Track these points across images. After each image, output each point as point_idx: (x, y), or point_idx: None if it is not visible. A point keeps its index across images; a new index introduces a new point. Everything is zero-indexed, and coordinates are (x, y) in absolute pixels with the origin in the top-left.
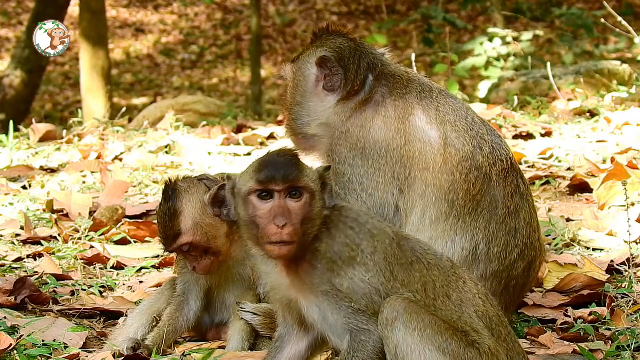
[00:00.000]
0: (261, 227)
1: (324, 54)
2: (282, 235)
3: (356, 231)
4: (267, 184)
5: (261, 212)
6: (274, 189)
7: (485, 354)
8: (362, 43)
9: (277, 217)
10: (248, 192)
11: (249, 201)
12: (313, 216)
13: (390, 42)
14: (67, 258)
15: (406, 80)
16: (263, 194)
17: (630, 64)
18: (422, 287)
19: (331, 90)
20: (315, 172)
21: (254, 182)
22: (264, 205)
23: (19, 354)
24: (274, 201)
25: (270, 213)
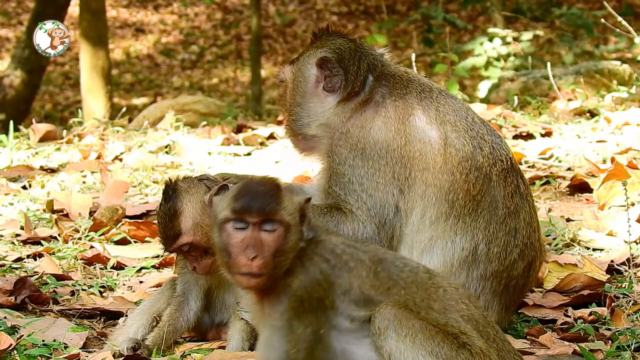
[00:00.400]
0: (232, 256)
1: (324, 54)
2: (251, 267)
3: (332, 264)
4: (242, 214)
5: (234, 241)
6: (248, 220)
7: (477, 355)
8: (362, 44)
9: (248, 249)
10: (223, 219)
11: (224, 228)
12: (286, 249)
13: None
14: (67, 258)
15: (406, 80)
16: (237, 224)
17: (630, 64)
18: (403, 305)
19: (331, 91)
20: (295, 204)
21: (229, 211)
22: (237, 234)
23: (19, 354)
24: (247, 232)
25: (242, 243)
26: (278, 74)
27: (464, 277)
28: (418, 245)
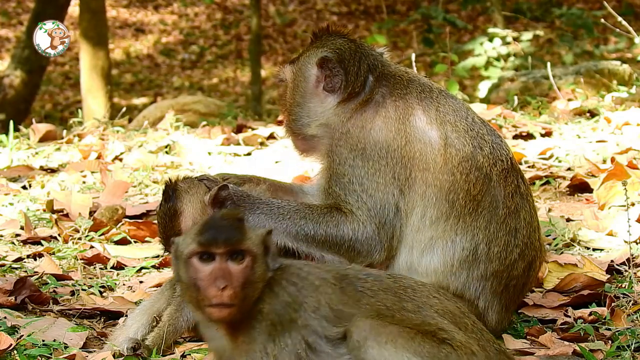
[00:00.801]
0: (202, 290)
1: (325, 54)
2: (222, 298)
3: (299, 287)
4: (209, 246)
5: (202, 274)
6: (215, 252)
7: (459, 348)
8: (362, 44)
9: (218, 279)
10: (189, 254)
11: (190, 263)
12: (255, 279)
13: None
14: (67, 258)
15: (406, 80)
16: (204, 256)
17: (630, 64)
18: (376, 313)
19: (331, 91)
20: (258, 236)
21: (195, 244)
22: (205, 267)
23: (19, 354)
24: (215, 263)
25: (211, 275)
26: (278, 74)
27: (464, 277)
28: (418, 245)
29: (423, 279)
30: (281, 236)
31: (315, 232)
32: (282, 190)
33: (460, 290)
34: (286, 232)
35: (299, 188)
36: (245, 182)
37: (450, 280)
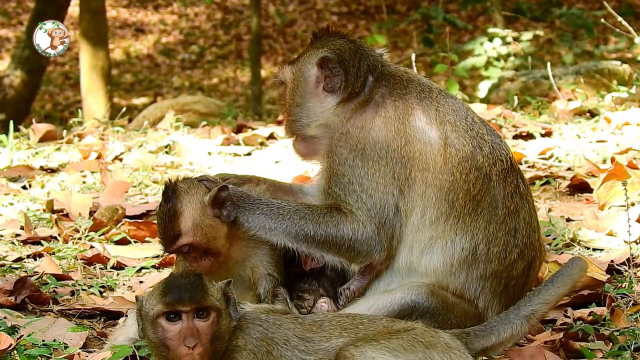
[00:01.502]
0: (172, 349)
1: (325, 54)
2: (193, 356)
3: (265, 326)
4: (175, 306)
5: (170, 333)
6: (182, 310)
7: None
8: (362, 44)
9: (186, 339)
10: (156, 315)
11: (158, 324)
12: (221, 333)
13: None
14: (67, 258)
15: (406, 80)
16: (171, 316)
17: (630, 64)
18: (339, 332)
19: (331, 91)
20: (219, 290)
21: (161, 305)
22: (172, 327)
23: (19, 354)
24: (182, 322)
25: (179, 335)
26: (277, 75)
27: (463, 277)
28: (418, 245)
29: (423, 279)
30: (281, 236)
31: (315, 233)
32: (281, 191)
33: (459, 290)
34: (286, 232)
35: (298, 188)
36: (245, 183)
37: (450, 280)
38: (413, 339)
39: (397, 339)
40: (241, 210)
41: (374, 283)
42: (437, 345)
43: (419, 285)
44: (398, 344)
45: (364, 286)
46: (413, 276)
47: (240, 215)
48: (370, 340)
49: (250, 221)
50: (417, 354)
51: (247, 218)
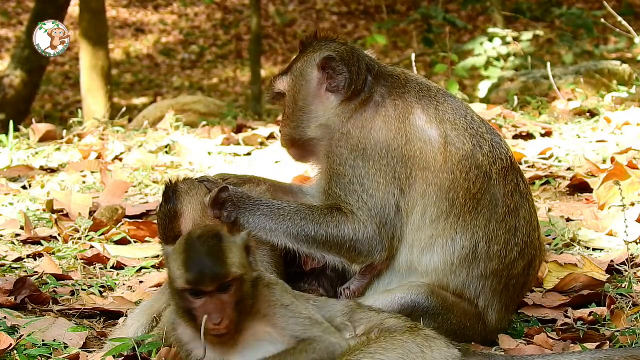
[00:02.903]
0: (198, 321)
1: (328, 54)
2: (220, 330)
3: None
4: (197, 285)
5: (195, 306)
6: (205, 289)
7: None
8: (354, 46)
9: (212, 315)
10: (181, 289)
11: (182, 295)
12: (245, 296)
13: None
14: (67, 258)
15: (404, 80)
16: (194, 292)
17: (630, 64)
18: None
19: (335, 90)
20: (239, 245)
21: (184, 282)
22: (197, 300)
23: (19, 354)
24: (206, 298)
25: (204, 309)
26: (272, 88)
27: (464, 276)
28: (419, 244)
29: (423, 278)
30: (282, 237)
31: (316, 233)
32: (282, 191)
33: (460, 289)
34: (287, 233)
35: (299, 189)
36: (246, 183)
37: (450, 279)
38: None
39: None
40: (242, 211)
41: (374, 283)
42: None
43: (419, 285)
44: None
45: (364, 286)
46: (413, 275)
47: (241, 216)
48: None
49: (251, 222)
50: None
51: (247, 219)
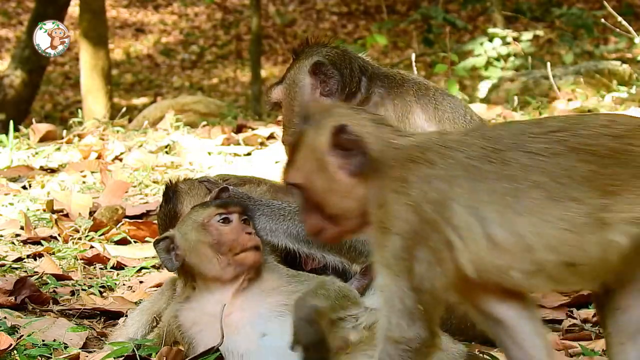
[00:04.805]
0: (230, 241)
1: (317, 59)
2: (255, 240)
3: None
4: (228, 207)
5: (226, 229)
6: (234, 211)
7: None
8: (346, 49)
9: (245, 228)
10: (208, 217)
11: (210, 226)
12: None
13: (390, 42)
14: (67, 258)
15: (400, 80)
16: (223, 218)
17: (630, 64)
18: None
19: (329, 94)
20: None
21: (213, 208)
22: (226, 226)
23: (19, 354)
24: (235, 222)
25: (236, 228)
26: (269, 99)
27: None
28: None
29: None
30: (282, 237)
31: None
32: (282, 191)
33: None
34: (287, 233)
35: None
36: (246, 183)
37: None
38: None
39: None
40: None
41: (374, 282)
42: None
43: None
44: None
45: (365, 286)
46: None
47: None
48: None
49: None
50: None
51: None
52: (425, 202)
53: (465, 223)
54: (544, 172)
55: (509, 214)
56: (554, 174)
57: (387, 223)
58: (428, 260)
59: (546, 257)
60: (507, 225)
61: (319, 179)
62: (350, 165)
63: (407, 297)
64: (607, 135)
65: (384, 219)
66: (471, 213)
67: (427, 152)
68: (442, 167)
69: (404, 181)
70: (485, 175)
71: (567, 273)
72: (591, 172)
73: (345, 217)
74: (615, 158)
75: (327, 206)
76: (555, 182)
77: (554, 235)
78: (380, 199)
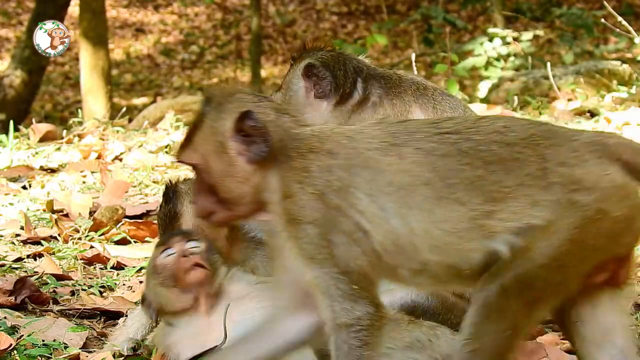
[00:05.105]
0: (173, 271)
1: (308, 61)
2: (193, 260)
3: None
4: (167, 241)
5: (169, 261)
6: (174, 242)
7: None
8: (342, 51)
9: (184, 252)
10: (154, 259)
11: (158, 266)
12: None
13: (390, 42)
14: (67, 258)
15: (397, 80)
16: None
17: (630, 64)
18: None
19: (323, 96)
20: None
21: (156, 248)
22: (168, 259)
23: (19, 354)
24: (176, 251)
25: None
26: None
27: None
28: None
29: None
30: None
31: None
32: None
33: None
34: None
35: None
36: None
37: None
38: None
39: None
40: None
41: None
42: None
43: None
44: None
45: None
46: None
47: None
48: None
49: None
50: None
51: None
52: (329, 191)
53: (369, 210)
54: (434, 170)
55: (404, 208)
56: (443, 174)
57: (296, 214)
58: (344, 242)
59: (430, 256)
60: (402, 217)
61: (217, 162)
62: (250, 152)
63: (339, 281)
64: (498, 142)
65: (292, 210)
66: (373, 201)
67: (326, 143)
68: (342, 157)
69: (306, 171)
70: (383, 167)
71: (452, 276)
72: (478, 177)
73: (238, 203)
74: (504, 165)
75: (221, 190)
76: (443, 182)
77: (437, 236)
78: (285, 190)
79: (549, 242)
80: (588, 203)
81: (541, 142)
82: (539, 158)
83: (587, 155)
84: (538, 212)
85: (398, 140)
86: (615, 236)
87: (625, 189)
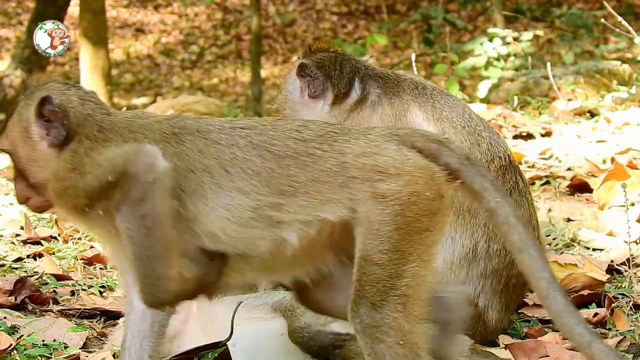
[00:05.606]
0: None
1: (301, 62)
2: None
3: None
4: None
5: None
6: None
7: None
8: (343, 52)
9: None
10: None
11: None
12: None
13: (390, 42)
14: (67, 258)
15: (395, 79)
16: None
17: (630, 64)
18: None
19: (315, 96)
20: None
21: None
22: None
23: (19, 354)
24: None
25: None
26: (272, 106)
27: (464, 275)
28: None
29: None
30: None
31: None
32: None
33: None
34: None
35: None
36: None
37: (450, 278)
38: None
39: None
40: None
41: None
42: None
43: None
44: None
45: None
46: None
47: None
48: None
49: None
50: None
51: None
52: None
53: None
54: (214, 158)
55: (196, 195)
56: (223, 162)
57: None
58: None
59: (215, 244)
60: (180, 201)
61: (23, 147)
62: (50, 136)
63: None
64: (294, 138)
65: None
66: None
67: (108, 133)
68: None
69: (98, 155)
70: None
71: (242, 263)
72: (267, 170)
73: (46, 187)
74: (297, 160)
75: (29, 175)
76: (223, 170)
77: (217, 223)
78: (84, 175)
79: (379, 239)
80: (398, 189)
81: (338, 139)
82: (337, 153)
83: (385, 144)
84: (330, 208)
85: (183, 131)
86: (436, 214)
87: (429, 169)
